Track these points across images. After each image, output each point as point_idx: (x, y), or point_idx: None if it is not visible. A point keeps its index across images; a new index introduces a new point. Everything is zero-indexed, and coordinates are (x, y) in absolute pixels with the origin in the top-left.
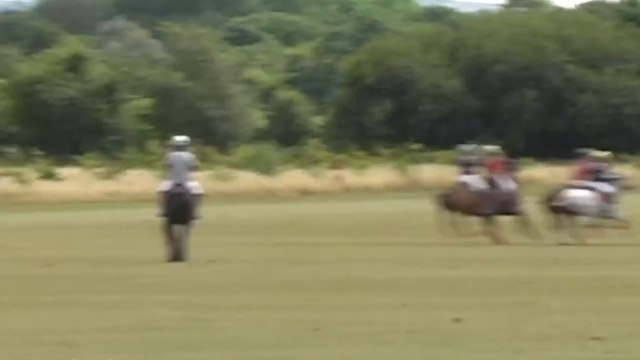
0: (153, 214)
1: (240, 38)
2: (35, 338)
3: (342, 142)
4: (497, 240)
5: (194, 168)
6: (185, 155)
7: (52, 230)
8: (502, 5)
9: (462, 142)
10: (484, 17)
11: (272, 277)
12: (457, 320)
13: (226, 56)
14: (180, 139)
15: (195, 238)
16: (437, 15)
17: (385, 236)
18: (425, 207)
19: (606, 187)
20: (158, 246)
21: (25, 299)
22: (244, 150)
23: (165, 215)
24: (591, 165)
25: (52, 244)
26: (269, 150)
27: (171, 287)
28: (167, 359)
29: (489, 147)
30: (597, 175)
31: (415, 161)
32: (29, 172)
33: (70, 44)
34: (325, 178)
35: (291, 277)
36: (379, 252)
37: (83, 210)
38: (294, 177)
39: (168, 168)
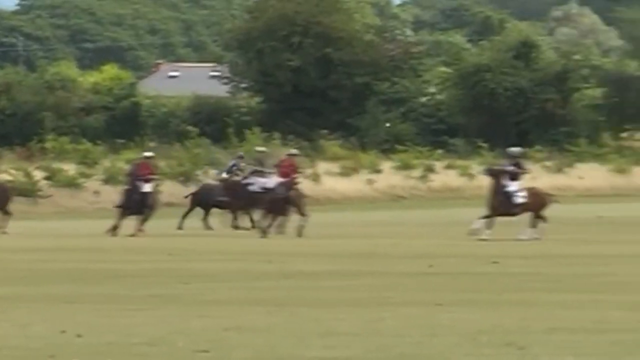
0: (606, 210)
1: None
2: (481, 338)
3: None
4: None
5: None
6: None
7: (498, 225)
8: None
9: None
10: None
11: None
12: None
13: None
14: None
15: None
16: None
17: None
18: None
19: None
20: (612, 243)
21: (470, 296)
22: None
23: None
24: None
25: (498, 240)
26: None
27: (626, 286)
28: None
29: None
30: None
31: None
32: (475, 165)
33: (519, 31)
34: None
35: None
36: None
37: None
38: None
39: None
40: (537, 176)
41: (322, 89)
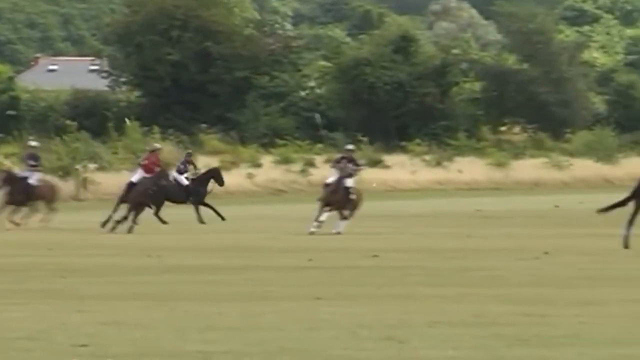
0: (485, 204)
1: (577, 18)
2: (361, 332)
3: None
4: None
5: None
6: None
7: (379, 219)
8: None
9: None
10: None
11: (611, 271)
12: None
13: (563, 37)
14: None
15: (529, 229)
16: None
17: None
18: None
19: None
20: (491, 237)
21: (350, 290)
22: (582, 137)
23: None
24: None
25: (378, 233)
26: (608, 136)
27: (505, 280)
28: (499, 355)
29: None
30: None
31: None
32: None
33: (399, 25)
34: None
35: (633, 270)
36: None
37: (411, 199)
38: (635, 165)
39: None
40: (416, 170)
41: (201, 83)
